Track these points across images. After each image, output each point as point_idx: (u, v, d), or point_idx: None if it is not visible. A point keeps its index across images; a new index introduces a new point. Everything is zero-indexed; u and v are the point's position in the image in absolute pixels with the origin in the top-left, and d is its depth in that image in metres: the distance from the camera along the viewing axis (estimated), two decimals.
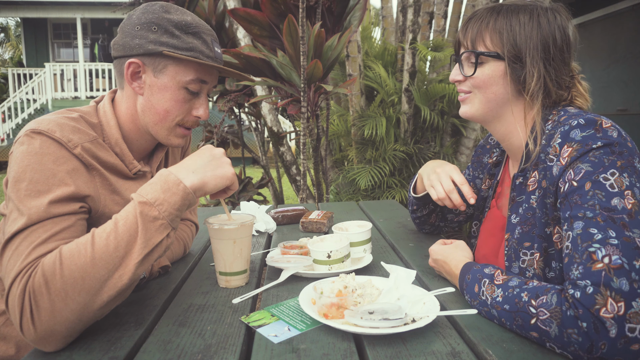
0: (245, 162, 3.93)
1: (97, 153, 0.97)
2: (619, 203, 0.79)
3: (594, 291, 0.71)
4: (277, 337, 0.82)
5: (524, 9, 1.00)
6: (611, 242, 0.75)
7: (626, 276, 0.71)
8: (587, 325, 0.70)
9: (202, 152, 0.96)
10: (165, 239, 0.86)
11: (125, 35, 1.01)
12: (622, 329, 0.68)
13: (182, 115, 1.06)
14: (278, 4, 2.28)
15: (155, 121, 1.05)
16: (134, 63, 1.00)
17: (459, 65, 1.06)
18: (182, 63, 1.02)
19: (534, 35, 0.97)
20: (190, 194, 0.88)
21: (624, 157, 0.83)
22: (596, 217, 0.79)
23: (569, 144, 0.89)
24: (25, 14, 13.30)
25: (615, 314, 0.69)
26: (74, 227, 0.88)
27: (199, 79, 1.04)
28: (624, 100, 5.61)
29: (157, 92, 1.02)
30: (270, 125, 3.15)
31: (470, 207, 1.39)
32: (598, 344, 0.69)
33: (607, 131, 0.87)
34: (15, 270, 0.79)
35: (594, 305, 0.70)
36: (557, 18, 0.99)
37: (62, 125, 0.93)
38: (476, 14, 1.04)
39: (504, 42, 0.99)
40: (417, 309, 0.89)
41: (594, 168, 0.83)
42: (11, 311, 0.79)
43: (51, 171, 0.88)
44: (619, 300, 0.70)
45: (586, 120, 0.89)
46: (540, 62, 0.97)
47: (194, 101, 1.07)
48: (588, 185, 0.83)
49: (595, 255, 0.75)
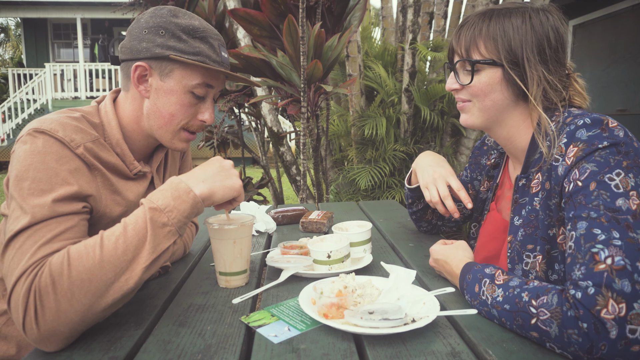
0: (245, 162, 3.93)
1: (98, 153, 0.97)
2: (623, 204, 0.78)
3: (595, 292, 0.71)
4: (277, 337, 0.82)
5: (515, 12, 0.99)
6: (614, 243, 0.75)
7: (628, 277, 0.71)
8: (587, 326, 0.70)
9: (212, 162, 0.97)
10: (172, 245, 0.87)
11: (133, 38, 1.01)
12: (623, 330, 0.68)
13: (187, 119, 1.06)
14: (278, 4, 2.28)
15: (160, 124, 1.05)
16: (140, 66, 1.01)
17: (455, 74, 1.06)
18: (189, 67, 1.02)
19: (529, 38, 0.96)
20: (199, 203, 0.90)
21: (630, 157, 0.83)
22: (600, 218, 0.78)
23: (575, 144, 0.88)
24: (25, 14, 13.29)
25: (616, 315, 0.69)
26: (77, 227, 0.88)
27: (205, 83, 1.04)
28: (624, 100, 5.62)
29: (163, 95, 1.03)
30: (270, 126, 3.15)
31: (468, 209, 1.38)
32: (598, 345, 0.69)
33: (614, 131, 0.86)
34: (20, 268, 0.79)
35: (594, 306, 0.70)
36: (549, 18, 0.98)
37: (64, 125, 0.93)
38: (468, 20, 1.03)
39: (499, 48, 0.98)
40: (417, 309, 0.89)
41: (600, 168, 0.83)
42: (13, 310, 0.79)
43: (54, 170, 0.88)
44: (620, 302, 0.69)
45: (592, 119, 0.89)
46: (538, 65, 0.96)
47: (199, 105, 1.07)
48: (593, 185, 0.82)
49: (598, 256, 0.75)
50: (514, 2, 1.03)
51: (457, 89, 1.06)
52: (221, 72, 1.05)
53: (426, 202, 1.40)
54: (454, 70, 1.06)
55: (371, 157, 3.44)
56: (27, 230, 0.82)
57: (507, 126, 1.04)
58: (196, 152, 11.19)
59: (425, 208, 1.43)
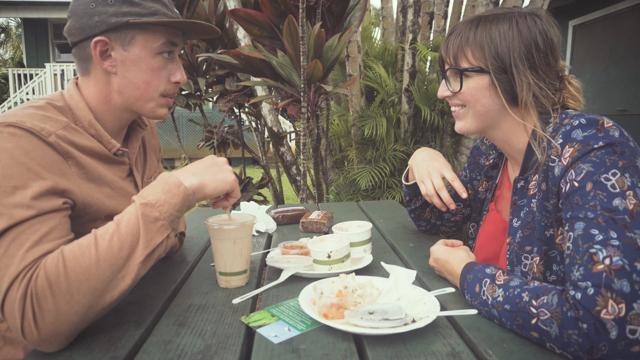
0: (245, 162, 3.93)
1: (72, 139, 0.93)
2: (620, 204, 0.78)
3: (594, 292, 0.71)
4: (277, 337, 0.82)
5: (502, 17, 0.99)
6: (612, 243, 0.75)
7: (627, 277, 0.71)
8: (587, 326, 0.70)
9: (205, 159, 0.97)
10: (165, 239, 0.87)
11: (81, 16, 0.97)
12: (623, 331, 0.68)
13: (164, 84, 1.04)
14: (278, 4, 2.28)
15: (137, 96, 1.02)
16: (100, 41, 0.97)
17: (446, 81, 1.06)
18: (150, 29, 0.99)
19: (516, 44, 0.96)
20: (190, 195, 0.89)
21: (626, 157, 0.83)
22: (597, 218, 0.79)
23: (571, 144, 0.88)
24: (25, 14, 13.30)
25: (616, 316, 0.69)
26: (61, 226, 0.85)
27: (169, 42, 1.02)
28: (624, 100, 5.62)
29: (131, 65, 1.00)
30: (271, 126, 3.15)
31: (467, 207, 1.38)
32: (598, 346, 0.69)
33: (609, 131, 0.86)
34: (12, 273, 0.76)
35: (594, 306, 0.70)
36: (537, 22, 0.98)
37: (31, 116, 0.89)
38: (455, 29, 1.04)
39: (486, 55, 0.98)
40: (417, 309, 0.89)
41: (596, 168, 0.83)
42: (9, 316, 0.77)
43: (25, 165, 0.83)
44: (620, 302, 0.69)
45: (588, 120, 0.89)
46: (527, 70, 0.96)
47: (169, 67, 1.05)
48: (589, 186, 0.82)
49: (596, 256, 0.75)
50: (502, 8, 1.04)
51: (449, 96, 1.07)
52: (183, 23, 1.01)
53: (424, 200, 1.40)
54: (445, 78, 1.07)
55: (371, 157, 3.44)
56: (9, 233, 0.79)
57: (502, 130, 1.05)
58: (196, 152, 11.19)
59: (423, 206, 1.43)
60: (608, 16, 5.84)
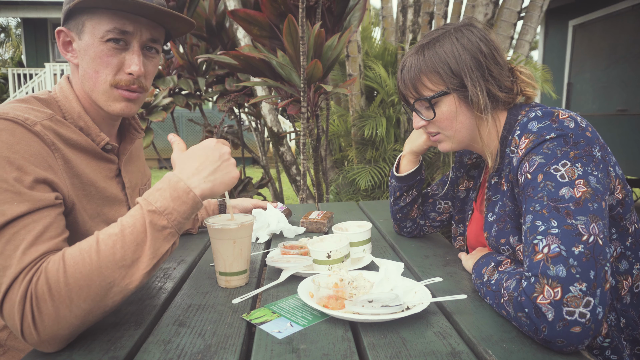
0: (245, 162, 3.93)
1: (58, 130, 0.90)
2: (567, 192, 0.83)
3: (534, 281, 0.78)
4: (281, 333, 0.82)
5: (442, 38, 1.03)
6: (552, 232, 0.80)
7: (563, 263, 0.76)
8: (528, 310, 0.77)
9: (211, 151, 0.90)
10: (171, 247, 0.85)
11: None
12: (560, 313, 0.74)
13: (112, 74, 0.97)
14: (278, 4, 2.28)
15: (91, 87, 0.98)
16: (60, 32, 0.96)
17: (417, 113, 1.09)
18: (96, 14, 0.94)
19: (464, 57, 1.00)
20: (199, 203, 0.86)
21: (579, 147, 0.87)
22: (542, 210, 0.84)
23: (526, 135, 0.93)
24: (25, 14, 13.29)
25: (552, 300, 0.75)
26: (57, 223, 0.83)
27: (116, 29, 0.94)
28: (624, 100, 5.61)
29: (84, 54, 0.96)
30: (270, 126, 3.15)
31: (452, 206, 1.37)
32: (540, 327, 0.76)
33: (563, 122, 0.90)
34: (11, 275, 0.75)
35: (532, 293, 0.77)
36: (474, 32, 1.03)
37: (14, 107, 0.87)
38: (405, 64, 1.07)
39: (443, 77, 1.01)
40: (409, 298, 0.94)
41: (547, 160, 0.87)
42: (8, 318, 0.76)
43: (6, 159, 0.79)
44: (555, 287, 0.75)
45: (543, 112, 0.94)
46: (480, 78, 1.00)
47: (123, 56, 0.97)
48: (540, 177, 0.87)
49: (537, 246, 0.81)
50: (437, 30, 1.07)
51: (425, 125, 1.10)
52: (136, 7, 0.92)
53: (414, 195, 1.37)
54: (415, 110, 1.09)
55: (371, 157, 3.44)
56: (3, 232, 0.77)
57: (481, 140, 1.07)
58: None
59: (413, 202, 1.38)
60: (608, 16, 5.84)
